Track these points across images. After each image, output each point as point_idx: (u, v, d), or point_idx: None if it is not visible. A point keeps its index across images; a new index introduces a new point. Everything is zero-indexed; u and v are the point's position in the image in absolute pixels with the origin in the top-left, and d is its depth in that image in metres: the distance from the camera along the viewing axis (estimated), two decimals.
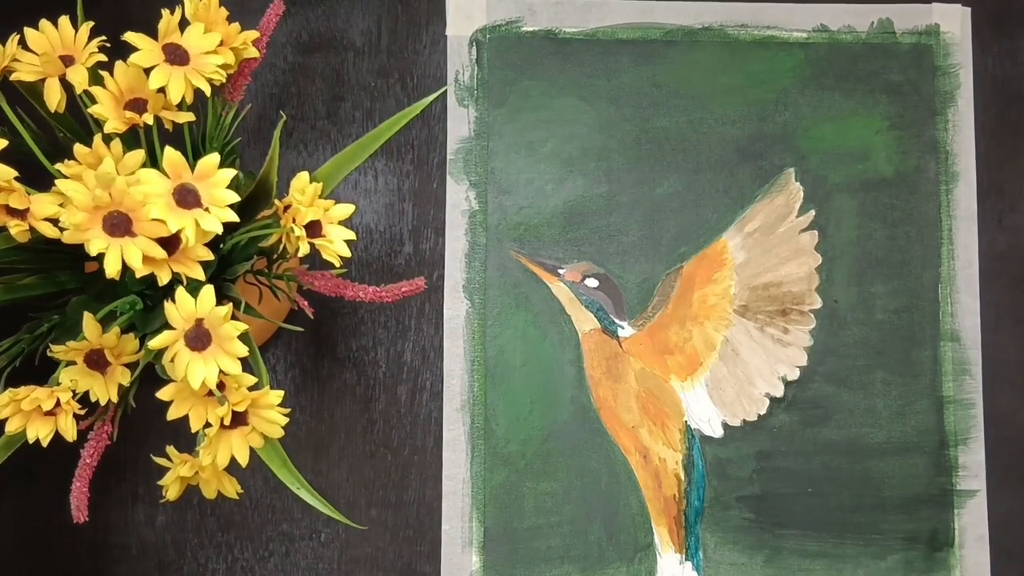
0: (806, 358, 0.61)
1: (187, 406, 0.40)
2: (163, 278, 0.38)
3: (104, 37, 0.43)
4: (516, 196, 0.62)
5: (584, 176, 0.62)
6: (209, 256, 0.39)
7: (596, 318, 0.61)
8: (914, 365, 0.62)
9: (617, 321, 0.61)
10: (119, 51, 0.41)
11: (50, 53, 0.42)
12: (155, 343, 0.38)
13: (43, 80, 0.42)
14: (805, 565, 0.60)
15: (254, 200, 0.45)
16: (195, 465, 0.41)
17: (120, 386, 0.42)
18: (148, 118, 0.41)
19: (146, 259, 0.37)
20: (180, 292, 0.38)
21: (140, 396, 0.45)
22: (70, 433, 0.41)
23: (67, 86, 0.42)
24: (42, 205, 0.38)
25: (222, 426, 0.40)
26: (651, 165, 0.63)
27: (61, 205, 0.38)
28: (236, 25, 0.45)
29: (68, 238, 0.36)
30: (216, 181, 0.39)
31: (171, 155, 0.39)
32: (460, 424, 0.61)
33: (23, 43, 0.42)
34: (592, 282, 0.62)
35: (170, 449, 0.42)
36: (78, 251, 0.37)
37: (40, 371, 0.44)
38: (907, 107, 0.63)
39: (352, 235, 0.44)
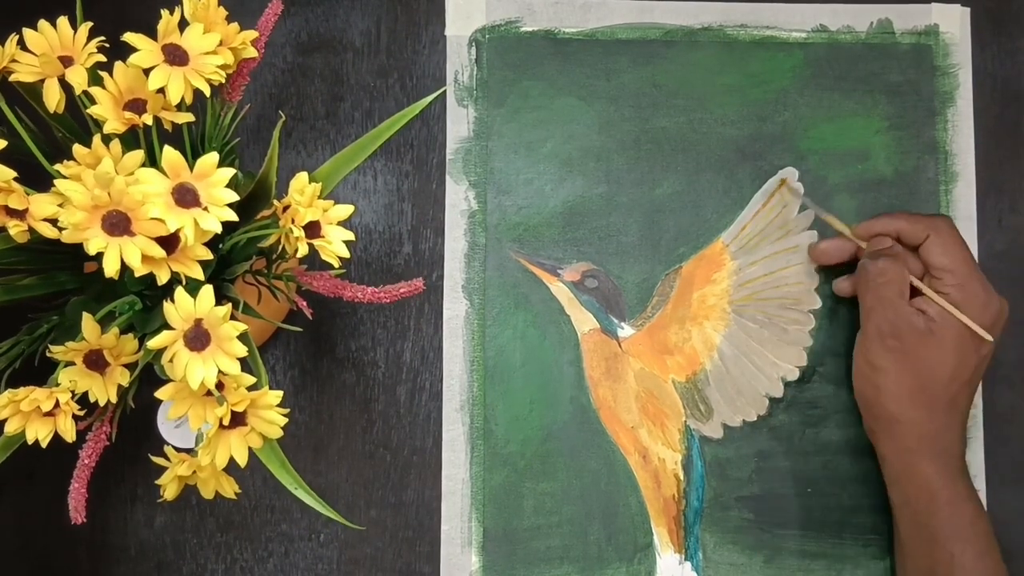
0: (806, 358, 0.61)
1: (186, 406, 0.40)
2: (162, 277, 0.38)
3: (103, 37, 0.43)
4: (515, 196, 0.62)
5: (583, 176, 0.63)
6: (208, 256, 0.39)
7: (595, 318, 0.61)
8: None
9: (616, 321, 0.61)
10: (118, 52, 0.41)
11: (49, 54, 0.42)
12: (154, 343, 0.38)
13: (42, 81, 0.42)
14: (804, 565, 0.60)
15: (253, 200, 0.45)
16: (193, 465, 0.41)
17: (119, 386, 0.42)
18: (147, 118, 0.41)
19: (145, 258, 0.37)
20: (179, 292, 0.38)
21: (139, 396, 0.45)
22: (69, 434, 0.41)
23: (66, 87, 0.42)
24: (41, 205, 0.38)
25: (221, 426, 0.40)
26: (650, 165, 0.63)
27: (60, 205, 0.38)
28: (235, 25, 0.45)
29: (67, 238, 0.36)
30: (215, 180, 0.39)
31: (170, 154, 0.39)
32: (459, 424, 0.61)
33: (22, 44, 0.42)
34: (591, 282, 0.62)
35: (168, 448, 0.42)
36: (77, 251, 0.37)
37: (39, 372, 0.44)
38: (906, 107, 0.63)
39: (351, 236, 0.44)
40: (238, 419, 0.41)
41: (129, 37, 0.41)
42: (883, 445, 0.55)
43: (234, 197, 0.39)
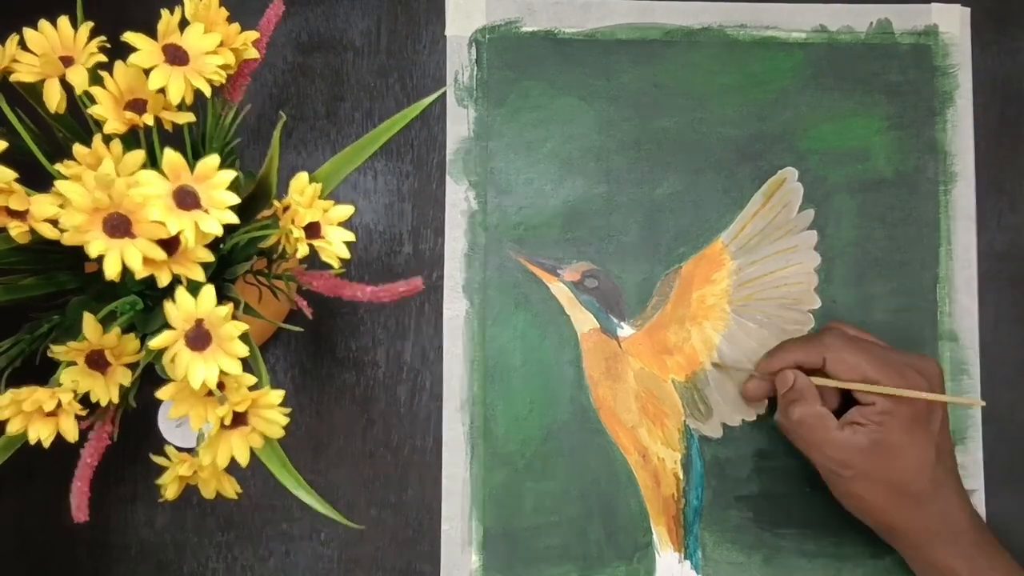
0: None
1: (187, 406, 0.40)
2: (163, 280, 0.38)
3: (104, 37, 0.43)
4: (515, 196, 0.62)
5: (583, 176, 0.63)
6: (209, 257, 0.39)
7: (595, 318, 0.61)
8: None
9: (616, 321, 0.62)
10: (119, 52, 0.41)
11: (49, 54, 0.42)
12: (155, 343, 0.38)
13: (43, 81, 0.42)
14: (804, 564, 0.60)
15: (254, 200, 0.45)
16: (194, 465, 0.41)
17: (121, 386, 0.42)
18: (148, 119, 0.41)
19: (146, 261, 0.37)
20: (180, 292, 0.38)
21: (140, 395, 0.45)
22: (72, 434, 0.41)
23: (67, 87, 0.42)
24: (42, 206, 0.38)
25: (222, 426, 0.40)
26: (650, 165, 0.63)
27: (61, 206, 0.38)
28: (236, 25, 0.45)
29: (68, 240, 0.36)
30: (216, 183, 0.39)
31: (170, 157, 0.39)
32: (460, 424, 0.61)
33: (22, 44, 0.42)
34: (591, 282, 0.62)
35: (169, 448, 0.42)
36: (78, 251, 0.37)
37: (40, 371, 0.44)
38: (906, 107, 0.63)
39: (351, 236, 0.44)
40: (239, 419, 0.41)
41: (129, 37, 0.41)
42: (899, 548, 0.56)
43: (235, 199, 0.39)
